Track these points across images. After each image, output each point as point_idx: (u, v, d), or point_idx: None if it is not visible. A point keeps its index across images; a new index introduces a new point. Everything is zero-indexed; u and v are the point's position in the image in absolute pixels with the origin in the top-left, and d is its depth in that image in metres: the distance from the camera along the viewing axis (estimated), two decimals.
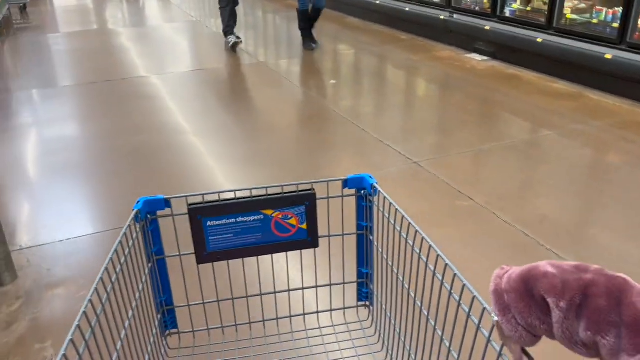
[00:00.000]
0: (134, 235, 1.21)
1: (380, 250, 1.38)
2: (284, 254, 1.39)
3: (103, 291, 1.02)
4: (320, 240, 1.40)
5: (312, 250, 1.39)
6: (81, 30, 8.53)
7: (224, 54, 6.58)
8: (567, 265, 0.67)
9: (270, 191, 1.32)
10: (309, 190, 1.35)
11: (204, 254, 1.35)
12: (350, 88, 5.45)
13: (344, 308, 1.52)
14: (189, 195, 1.29)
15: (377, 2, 7.85)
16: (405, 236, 1.19)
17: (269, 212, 1.35)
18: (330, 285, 1.50)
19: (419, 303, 1.16)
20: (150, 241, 1.31)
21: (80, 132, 4.31)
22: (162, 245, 1.34)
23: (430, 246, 1.05)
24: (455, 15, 6.42)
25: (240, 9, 6.79)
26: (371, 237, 1.43)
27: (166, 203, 1.29)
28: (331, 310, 1.51)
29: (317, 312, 1.52)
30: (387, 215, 1.28)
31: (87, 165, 3.65)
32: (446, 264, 0.99)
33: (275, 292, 1.47)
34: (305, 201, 1.35)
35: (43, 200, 3.20)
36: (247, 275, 1.42)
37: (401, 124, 4.41)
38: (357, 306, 1.54)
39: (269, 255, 1.39)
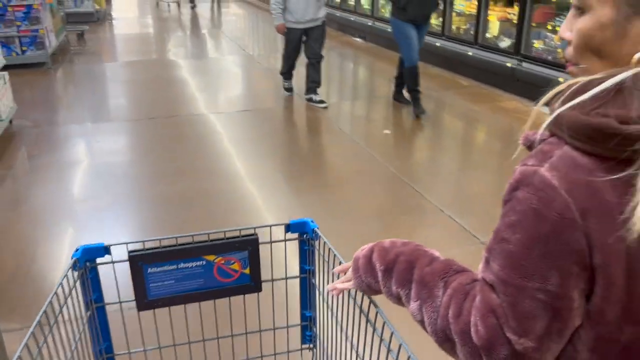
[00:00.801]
0: (72, 284, 1.20)
1: (321, 293, 1.40)
2: (227, 298, 1.40)
3: (34, 346, 1.00)
4: (264, 284, 1.42)
5: (255, 294, 1.41)
6: (138, 60, 8.25)
7: (276, 94, 6.18)
8: (399, 241, 0.96)
9: (212, 236, 1.34)
10: (252, 235, 1.37)
11: (145, 301, 1.34)
12: (405, 140, 5.03)
13: (288, 352, 1.53)
14: (130, 243, 1.29)
15: (438, 44, 7.30)
16: None
17: (211, 257, 1.36)
18: (274, 329, 1.51)
19: (355, 348, 1.18)
20: (90, 289, 1.30)
21: (123, 175, 3.99)
22: (101, 292, 1.33)
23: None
24: (524, 64, 5.85)
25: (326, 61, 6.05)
26: (313, 281, 1.45)
27: (106, 250, 1.29)
28: (275, 354, 1.52)
29: (261, 357, 1.52)
30: (326, 259, 1.31)
31: (124, 217, 3.35)
32: (377, 312, 1.03)
33: (218, 338, 1.47)
34: (248, 246, 1.37)
35: (61, 259, 2.83)
36: (189, 321, 1.41)
37: (463, 189, 3.87)
38: (301, 349, 1.55)
39: (212, 301, 1.39)
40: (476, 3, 6.67)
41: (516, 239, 0.71)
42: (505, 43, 6.32)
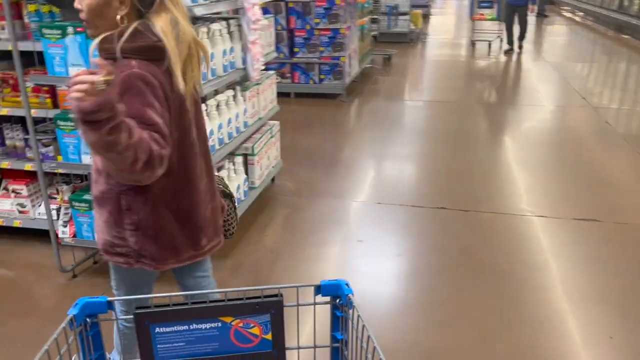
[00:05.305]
0: (65, 346, 1.05)
1: None
2: None
3: None
4: (288, 353, 1.22)
5: None
6: (443, 101, 6.94)
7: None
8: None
9: (230, 296, 1.16)
10: (276, 296, 1.18)
11: None
12: None
13: None
14: (136, 298, 1.14)
15: None
16: None
17: (227, 319, 1.18)
18: None
19: None
20: (91, 348, 1.15)
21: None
22: (104, 351, 1.18)
23: None
24: None
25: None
26: (346, 352, 1.24)
27: (109, 305, 1.14)
28: None
29: None
30: (359, 335, 1.10)
31: None
32: None
33: None
34: (271, 309, 1.19)
35: None
36: None
37: None
38: None
39: None
40: None
41: (148, 100, 1.46)
42: None
